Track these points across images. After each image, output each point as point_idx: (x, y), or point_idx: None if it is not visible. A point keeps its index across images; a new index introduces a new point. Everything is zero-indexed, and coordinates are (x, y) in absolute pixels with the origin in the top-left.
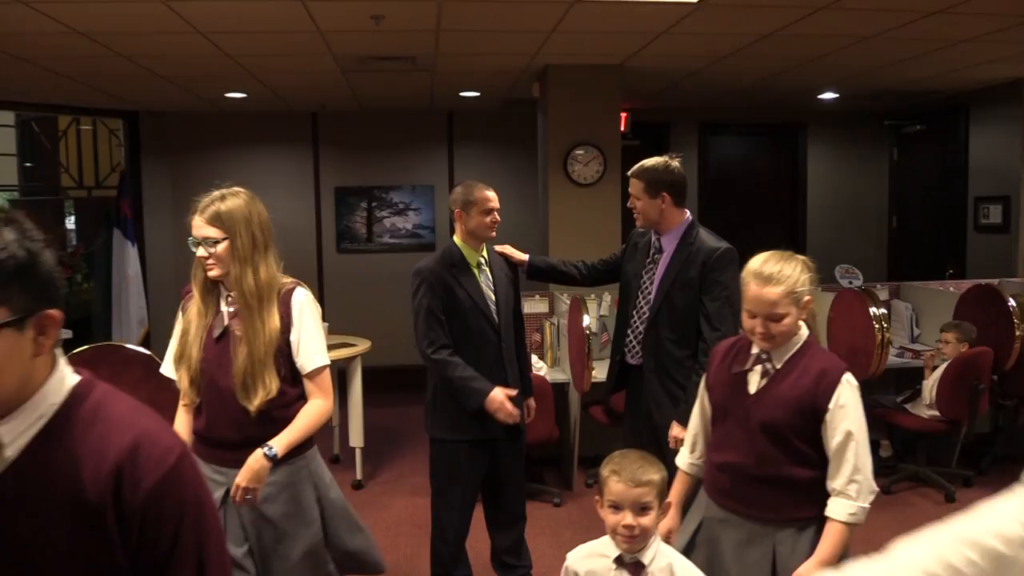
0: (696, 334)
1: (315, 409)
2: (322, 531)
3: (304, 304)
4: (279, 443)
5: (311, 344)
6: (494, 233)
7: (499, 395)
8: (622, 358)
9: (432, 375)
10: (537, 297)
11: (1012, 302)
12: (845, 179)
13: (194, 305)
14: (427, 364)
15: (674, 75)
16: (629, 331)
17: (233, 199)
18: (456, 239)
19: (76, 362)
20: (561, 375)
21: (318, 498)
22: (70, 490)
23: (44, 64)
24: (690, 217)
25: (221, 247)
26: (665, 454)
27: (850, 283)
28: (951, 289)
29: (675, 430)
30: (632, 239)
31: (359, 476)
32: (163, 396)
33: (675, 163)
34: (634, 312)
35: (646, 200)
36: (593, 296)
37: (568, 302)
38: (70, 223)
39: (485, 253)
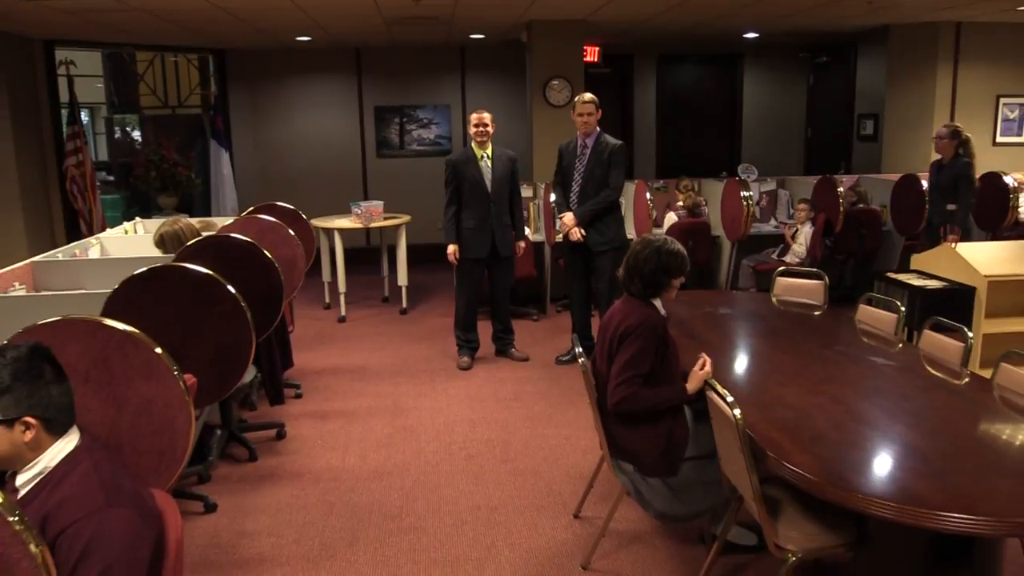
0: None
1: None
2: None
3: None
4: None
5: None
6: (479, 139)
7: (450, 250)
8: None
9: None
10: (525, 186)
11: (841, 188)
12: (772, 99)
13: None
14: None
15: (627, 24)
16: (571, 193)
17: None
18: (472, 142)
19: (257, 211)
20: (539, 236)
21: None
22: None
23: (166, 17)
24: (599, 128)
25: None
26: (592, 271)
27: (747, 176)
28: (811, 181)
29: (566, 218)
30: (559, 152)
31: (404, 306)
32: (301, 226)
33: None
34: (573, 183)
35: (597, 115)
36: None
37: (542, 188)
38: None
39: (489, 151)
